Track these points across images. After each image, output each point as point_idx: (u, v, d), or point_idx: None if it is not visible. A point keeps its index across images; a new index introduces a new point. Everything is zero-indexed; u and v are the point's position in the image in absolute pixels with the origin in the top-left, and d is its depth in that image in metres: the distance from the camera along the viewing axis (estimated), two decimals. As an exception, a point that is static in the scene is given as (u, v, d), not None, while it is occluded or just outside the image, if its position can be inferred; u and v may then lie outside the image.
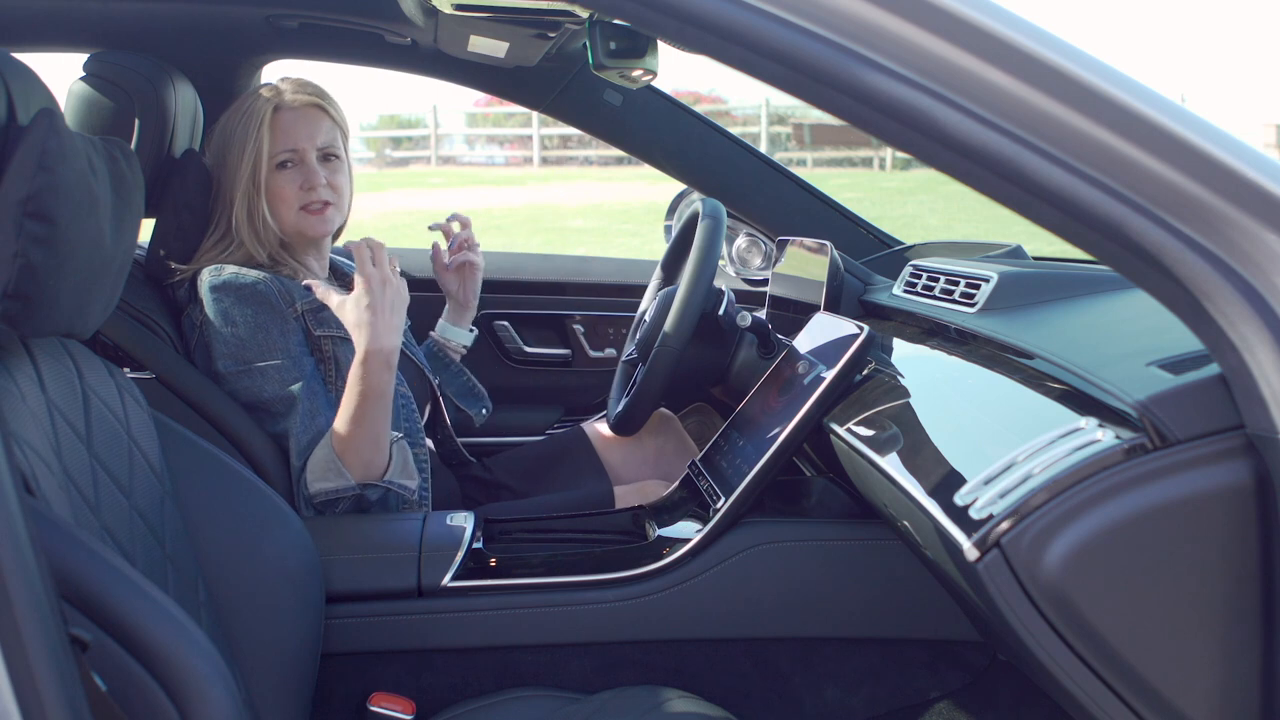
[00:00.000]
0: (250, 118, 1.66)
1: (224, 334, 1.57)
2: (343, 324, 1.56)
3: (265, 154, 1.65)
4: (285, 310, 1.60)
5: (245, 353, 1.57)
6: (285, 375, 1.58)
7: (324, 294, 1.55)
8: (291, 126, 1.67)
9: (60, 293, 0.98)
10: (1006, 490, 0.91)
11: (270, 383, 1.57)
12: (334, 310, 1.55)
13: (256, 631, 1.19)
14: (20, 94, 0.97)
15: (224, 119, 1.70)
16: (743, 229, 2.27)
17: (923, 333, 1.50)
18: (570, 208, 13.16)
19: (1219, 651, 0.87)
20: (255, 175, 1.65)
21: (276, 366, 1.57)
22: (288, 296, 1.61)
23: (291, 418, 1.56)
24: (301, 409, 1.57)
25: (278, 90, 1.69)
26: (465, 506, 1.76)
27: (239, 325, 1.57)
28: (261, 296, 1.58)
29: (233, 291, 1.58)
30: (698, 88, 21.44)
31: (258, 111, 1.66)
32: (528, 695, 1.34)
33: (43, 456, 0.97)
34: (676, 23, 0.82)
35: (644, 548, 1.50)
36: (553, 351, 2.35)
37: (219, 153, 1.69)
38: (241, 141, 1.65)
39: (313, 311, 1.63)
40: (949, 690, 1.50)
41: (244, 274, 1.59)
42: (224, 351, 1.57)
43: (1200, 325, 0.82)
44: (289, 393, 1.57)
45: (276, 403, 1.57)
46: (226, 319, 1.57)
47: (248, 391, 1.58)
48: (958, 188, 0.87)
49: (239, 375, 1.58)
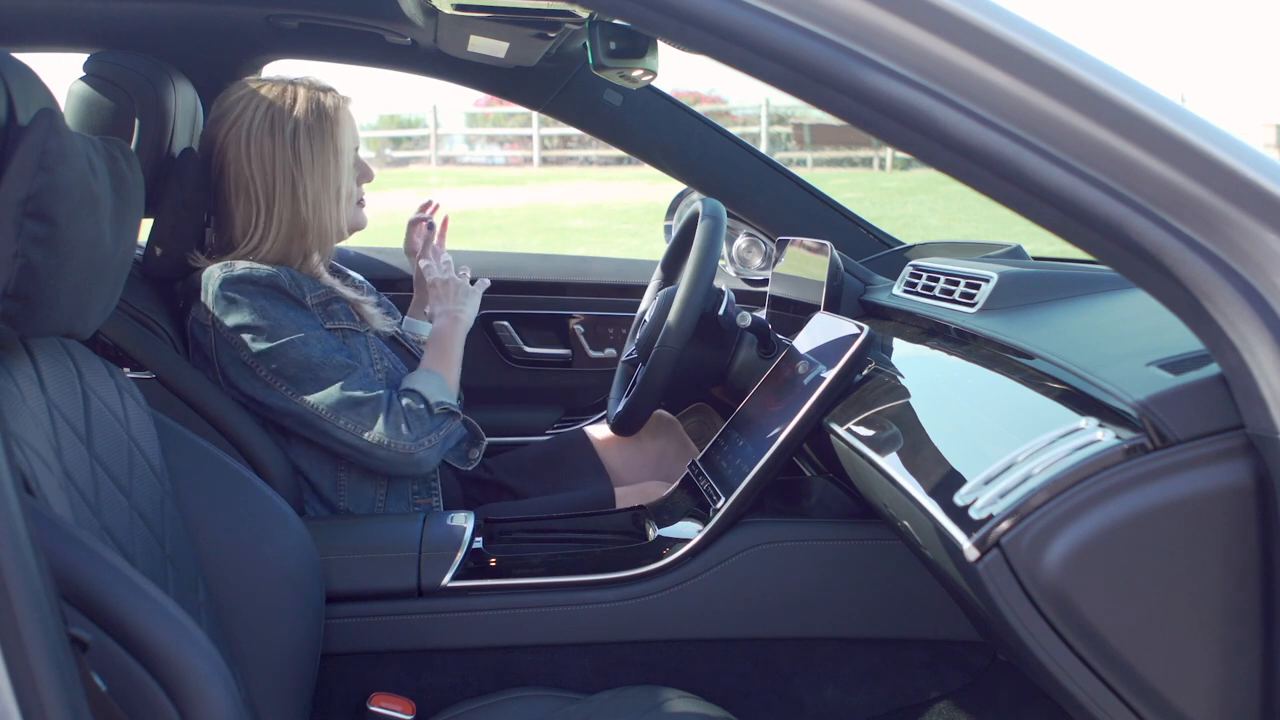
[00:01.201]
0: (323, 120, 1.64)
1: (252, 322, 1.56)
2: (353, 319, 1.66)
3: (351, 157, 1.70)
4: (301, 300, 1.61)
5: (281, 330, 1.56)
6: (326, 342, 1.59)
7: (428, 270, 1.82)
8: (351, 125, 1.70)
9: (60, 293, 0.98)
10: (1006, 490, 0.91)
11: (314, 347, 1.57)
12: (438, 286, 1.78)
13: (256, 631, 1.19)
14: (20, 94, 0.97)
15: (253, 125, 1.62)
16: (743, 229, 2.27)
17: (923, 333, 1.50)
18: (570, 208, 13.16)
19: (1219, 651, 0.87)
20: (341, 177, 1.67)
21: (316, 335, 1.58)
22: (299, 289, 1.62)
23: (349, 369, 1.58)
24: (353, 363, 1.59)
25: (318, 88, 1.67)
26: (465, 506, 1.76)
27: (267, 309, 1.57)
28: (278, 286, 1.59)
29: (250, 284, 1.58)
30: (698, 88, 21.46)
31: (329, 113, 1.65)
32: (528, 695, 1.34)
33: (43, 456, 0.97)
34: (676, 23, 0.82)
35: (644, 548, 1.50)
36: (553, 351, 2.35)
37: (272, 161, 1.62)
38: (321, 144, 1.64)
39: (322, 305, 1.65)
40: (949, 690, 1.50)
41: (257, 268, 1.59)
42: (259, 336, 1.56)
43: (1200, 325, 0.82)
44: (337, 351, 1.59)
45: (326, 361, 1.57)
46: (253, 307, 1.56)
47: (296, 363, 1.56)
48: (958, 188, 0.87)
49: (280, 351, 1.56)
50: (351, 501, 1.66)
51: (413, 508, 1.68)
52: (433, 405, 1.62)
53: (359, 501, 1.66)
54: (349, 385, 1.57)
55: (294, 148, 1.63)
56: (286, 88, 1.66)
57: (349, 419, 1.57)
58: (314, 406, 1.56)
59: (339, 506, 1.66)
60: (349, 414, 1.57)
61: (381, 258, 2.30)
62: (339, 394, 1.56)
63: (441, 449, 1.63)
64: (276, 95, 1.64)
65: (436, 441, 1.62)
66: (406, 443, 1.58)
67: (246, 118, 1.63)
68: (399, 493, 1.68)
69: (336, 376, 1.57)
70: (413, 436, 1.58)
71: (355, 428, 1.57)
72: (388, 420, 1.57)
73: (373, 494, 1.66)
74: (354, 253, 2.27)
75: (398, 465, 1.59)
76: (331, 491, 1.65)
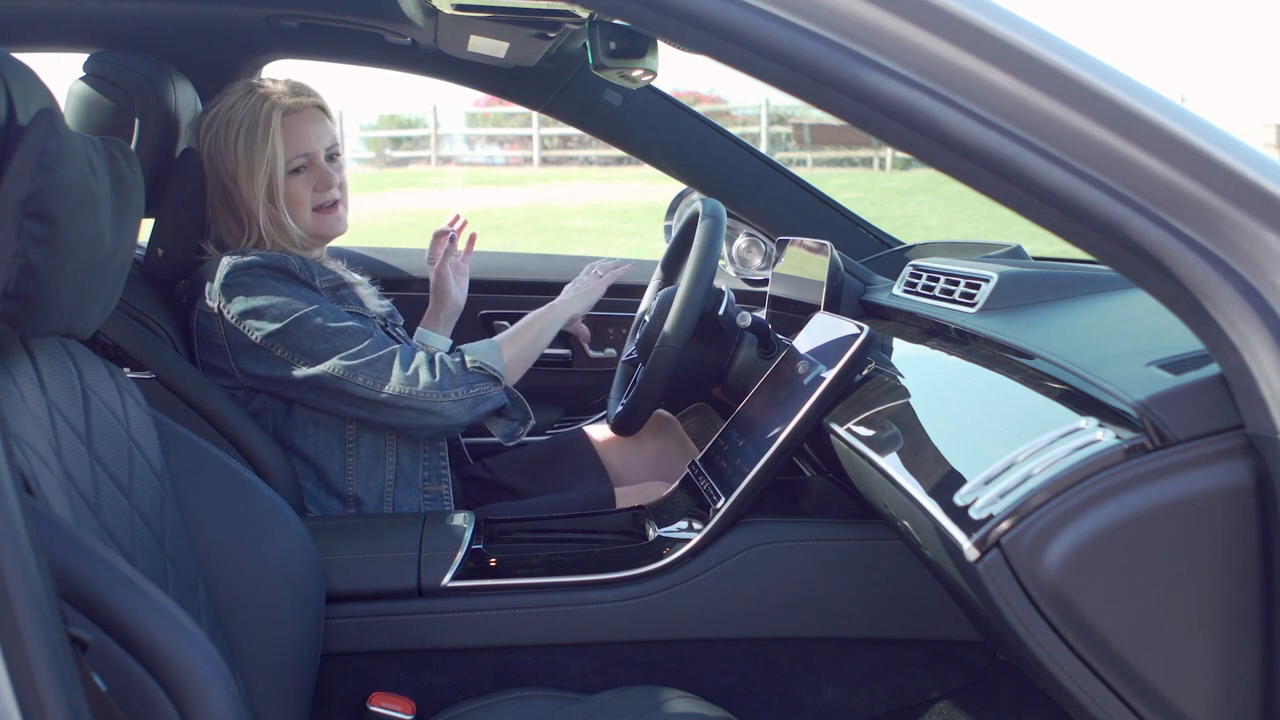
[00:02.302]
0: (256, 125, 1.63)
1: (264, 303, 1.56)
2: (361, 304, 1.67)
3: (281, 162, 1.65)
4: (311, 283, 1.62)
5: (294, 306, 1.57)
6: (339, 314, 1.59)
7: None
8: (301, 130, 1.67)
9: (60, 293, 0.98)
10: (1006, 490, 0.91)
11: (329, 318, 1.57)
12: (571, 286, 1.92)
13: (256, 631, 1.19)
14: (20, 94, 0.97)
15: (215, 124, 1.66)
16: (743, 229, 2.27)
17: (923, 333, 1.50)
18: (570, 208, 13.16)
19: (1219, 651, 0.87)
20: (273, 184, 1.65)
21: (328, 308, 1.59)
22: (309, 273, 1.63)
23: (365, 333, 1.58)
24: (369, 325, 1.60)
25: (275, 93, 1.67)
26: (465, 506, 1.76)
27: (279, 288, 1.58)
28: (288, 269, 1.60)
29: (260, 267, 1.59)
30: (698, 88, 21.44)
31: (263, 118, 1.64)
32: (528, 695, 1.34)
33: (43, 456, 0.97)
34: (676, 23, 0.82)
35: (644, 548, 1.50)
36: (553, 351, 2.35)
37: (221, 160, 1.65)
38: (250, 150, 1.63)
39: (332, 289, 1.66)
40: (949, 690, 1.50)
41: (269, 254, 1.62)
42: (272, 315, 1.56)
43: (1200, 325, 0.82)
44: (350, 318, 1.59)
45: (341, 330, 1.57)
46: (264, 287, 1.57)
47: (311, 336, 1.56)
48: (958, 188, 0.87)
49: (295, 326, 1.56)
50: (360, 487, 1.66)
51: (423, 495, 1.69)
52: (469, 363, 1.62)
53: (368, 487, 1.66)
54: (364, 347, 1.57)
55: (236, 149, 1.64)
56: (257, 89, 1.67)
57: (366, 375, 1.57)
58: (332, 370, 1.56)
59: (348, 493, 1.65)
60: (366, 371, 1.57)
61: (381, 258, 2.30)
62: (355, 354, 1.56)
63: (473, 409, 1.62)
64: (242, 96, 1.66)
65: (465, 397, 1.60)
66: (429, 390, 1.57)
67: (219, 119, 1.66)
68: (409, 479, 1.67)
69: (351, 342, 1.57)
70: (436, 384, 1.57)
71: (374, 383, 1.57)
72: (405, 369, 1.57)
73: (382, 480, 1.66)
74: (354, 252, 2.27)
75: (423, 420, 1.58)
76: (339, 476, 1.65)
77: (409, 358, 1.59)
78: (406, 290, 2.17)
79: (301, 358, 1.57)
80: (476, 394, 1.62)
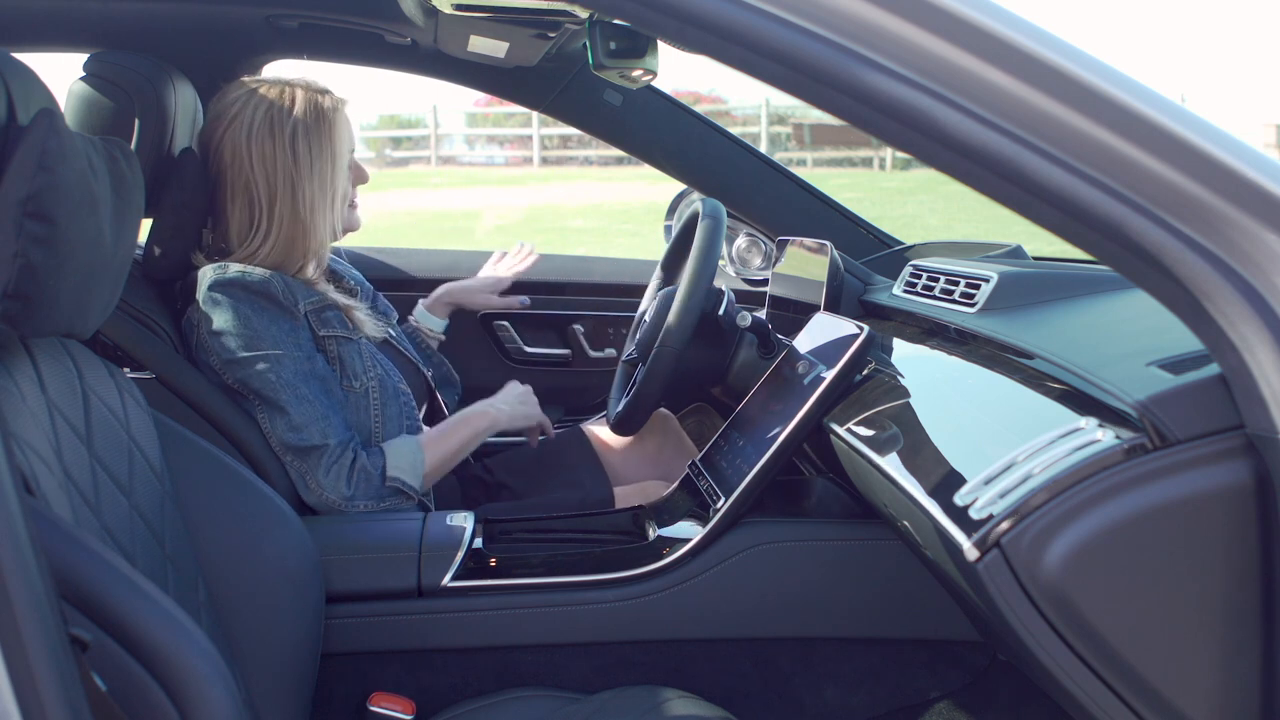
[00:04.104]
0: (320, 123, 1.64)
1: (232, 328, 1.56)
2: (346, 326, 1.66)
3: (347, 159, 1.69)
4: (292, 309, 1.60)
5: (258, 342, 1.56)
6: (299, 366, 1.58)
7: None
8: (348, 127, 1.70)
9: (60, 293, 0.98)
10: (1006, 490, 0.91)
11: (286, 369, 1.56)
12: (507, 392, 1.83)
13: (256, 631, 1.19)
14: (20, 94, 0.97)
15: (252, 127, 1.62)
16: (743, 229, 2.27)
17: (923, 333, 1.50)
18: (570, 208, 13.16)
19: (1219, 651, 0.87)
20: (338, 180, 1.67)
21: (291, 356, 1.57)
22: (291, 296, 1.61)
23: (311, 405, 1.57)
24: (320, 400, 1.58)
25: (319, 89, 1.67)
26: (465, 506, 1.76)
27: (250, 318, 1.56)
28: (270, 294, 1.58)
29: (240, 287, 1.57)
30: (698, 88, 21.43)
31: (326, 115, 1.64)
32: (528, 695, 1.34)
33: (43, 456, 0.97)
34: (676, 23, 0.82)
35: (644, 548, 1.50)
36: (553, 351, 2.36)
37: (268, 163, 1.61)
38: (319, 150, 1.63)
39: (315, 311, 1.63)
40: (949, 690, 1.50)
41: (251, 271, 1.59)
42: (234, 344, 1.56)
43: (1200, 325, 0.82)
44: (305, 381, 1.57)
45: (290, 389, 1.56)
46: (236, 313, 1.56)
47: (260, 378, 1.56)
48: (958, 188, 0.87)
49: (250, 362, 1.56)
50: None
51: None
52: (388, 474, 1.60)
53: None
54: (307, 425, 1.56)
55: (293, 150, 1.62)
56: (285, 89, 1.65)
57: (294, 456, 1.57)
58: (267, 430, 1.58)
59: None
60: (294, 450, 1.57)
61: (381, 257, 2.30)
62: (292, 427, 1.56)
63: (372, 510, 1.61)
64: (276, 96, 1.63)
65: (372, 509, 1.59)
66: (338, 498, 1.57)
67: (245, 118, 1.62)
68: None
69: (296, 409, 1.56)
70: (349, 494, 1.57)
71: (298, 462, 1.57)
72: (326, 473, 1.57)
73: None
74: (354, 252, 2.27)
75: (323, 507, 1.59)
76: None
77: (336, 457, 1.57)
78: (407, 290, 2.18)
79: (251, 395, 1.58)
80: (385, 506, 1.61)
